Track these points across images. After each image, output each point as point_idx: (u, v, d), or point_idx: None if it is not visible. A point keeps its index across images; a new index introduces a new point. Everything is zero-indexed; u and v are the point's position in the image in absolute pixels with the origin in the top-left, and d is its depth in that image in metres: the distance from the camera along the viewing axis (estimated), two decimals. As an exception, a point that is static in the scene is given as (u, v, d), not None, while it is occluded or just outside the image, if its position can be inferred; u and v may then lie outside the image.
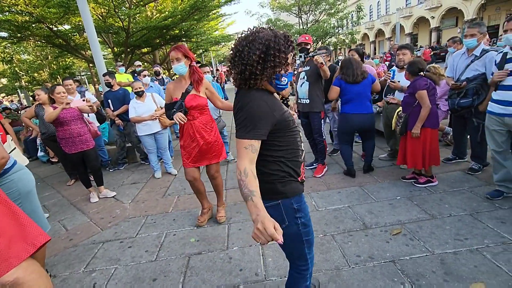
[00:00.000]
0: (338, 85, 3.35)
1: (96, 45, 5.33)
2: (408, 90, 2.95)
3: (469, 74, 2.96)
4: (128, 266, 2.33)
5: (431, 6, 27.41)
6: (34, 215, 2.00)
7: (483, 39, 2.91)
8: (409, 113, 2.93)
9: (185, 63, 2.45)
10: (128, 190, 4.00)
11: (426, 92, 2.78)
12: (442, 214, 2.53)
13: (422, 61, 2.92)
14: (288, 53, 1.18)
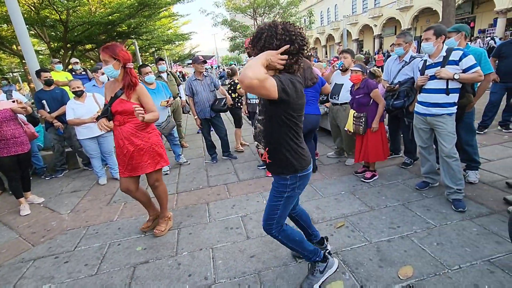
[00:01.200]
0: None
1: (26, 39, 4.75)
2: (361, 91, 3.13)
3: (401, 78, 3.29)
4: (64, 284, 2.11)
5: (374, 15, 29.93)
6: None
7: (410, 47, 3.26)
8: (367, 113, 3.13)
9: (114, 65, 2.20)
10: (67, 199, 3.64)
11: (379, 90, 3.06)
12: (379, 205, 2.76)
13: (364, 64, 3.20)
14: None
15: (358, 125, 3.20)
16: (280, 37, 1.36)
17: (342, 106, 3.65)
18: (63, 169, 4.63)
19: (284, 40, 1.36)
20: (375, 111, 3.14)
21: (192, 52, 31.98)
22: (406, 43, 3.23)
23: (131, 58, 2.36)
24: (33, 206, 3.48)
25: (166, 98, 4.09)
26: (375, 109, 3.13)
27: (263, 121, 1.55)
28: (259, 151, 1.65)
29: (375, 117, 3.13)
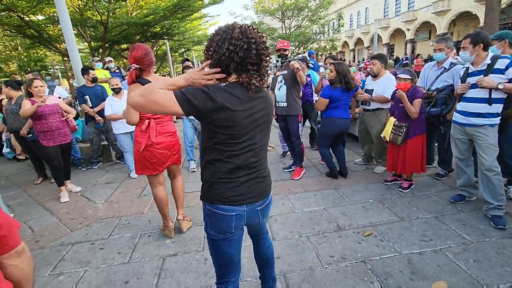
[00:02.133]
0: (327, 97, 3.38)
1: (71, 39, 5.10)
2: (408, 100, 2.96)
3: (439, 84, 3.15)
4: (99, 269, 2.24)
5: (407, 19, 28.82)
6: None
7: (451, 52, 3.12)
8: (409, 123, 2.97)
9: None
10: (101, 190, 3.86)
11: (421, 101, 2.92)
12: (410, 216, 2.66)
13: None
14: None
15: (397, 134, 3.04)
16: (235, 41, 1.12)
17: (374, 112, 3.56)
18: (98, 161, 4.91)
19: (240, 46, 1.12)
20: (419, 121, 2.97)
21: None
22: (448, 48, 3.08)
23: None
24: (71, 194, 3.72)
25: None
26: (419, 120, 2.96)
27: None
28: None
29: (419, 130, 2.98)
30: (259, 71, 1.20)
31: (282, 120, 3.80)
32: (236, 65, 1.15)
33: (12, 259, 0.87)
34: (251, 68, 1.16)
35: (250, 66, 1.16)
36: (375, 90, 3.48)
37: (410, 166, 3.07)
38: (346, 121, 3.48)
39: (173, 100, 1.09)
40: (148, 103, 1.09)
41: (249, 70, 1.17)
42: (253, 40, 1.14)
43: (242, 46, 1.13)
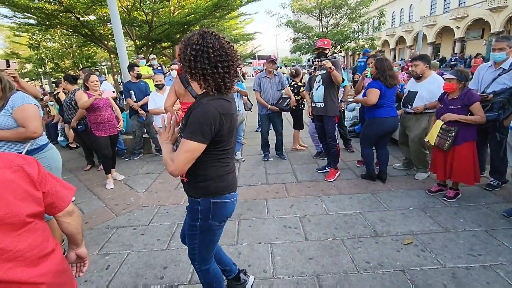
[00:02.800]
0: (379, 88, 3.24)
1: (120, 37, 5.49)
2: (458, 102, 2.76)
3: (496, 87, 2.89)
4: (140, 253, 2.40)
5: (457, 16, 26.63)
6: None
7: (511, 53, 2.84)
8: (459, 127, 2.77)
9: None
10: (142, 179, 4.10)
11: (479, 104, 2.70)
12: (456, 228, 2.48)
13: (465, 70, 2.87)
14: None
15: (444, 139, 2.82)
16: (195, 47, 1.19)
17: (415, 115, 3.36)
18: (140, 153, 5.23)
19: (200, 51, 1.19)
20: (470, 126, 2.74)
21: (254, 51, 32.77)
22: (510, 47, 2.80)
23: None
24: (116, 182, 4.00)
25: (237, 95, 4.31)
26: (471, 126, 2.74)
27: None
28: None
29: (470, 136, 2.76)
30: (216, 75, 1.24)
31: (318, 120, 3.75)
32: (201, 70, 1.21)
33: (65, 218, 1.08)
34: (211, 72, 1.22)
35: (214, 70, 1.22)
36: (420, 93, 3.27)
37: (458, 174, 2.85)
38: (393, 120, 3.35)
39: (193, 147, 1.22)
40: (184, 167, 1.24)
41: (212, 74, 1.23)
42: (210, 45, 1.19)
43: (202, 51, 1.18)
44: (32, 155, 2.03)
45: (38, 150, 2.08)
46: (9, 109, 1.86)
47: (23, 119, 1.88)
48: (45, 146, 2.15)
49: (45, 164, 2.08)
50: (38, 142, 2.07)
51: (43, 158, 2.09)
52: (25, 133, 1.89)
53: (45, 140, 2.18)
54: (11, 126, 1.88)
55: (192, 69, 1.23)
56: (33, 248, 0.91)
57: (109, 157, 3.87)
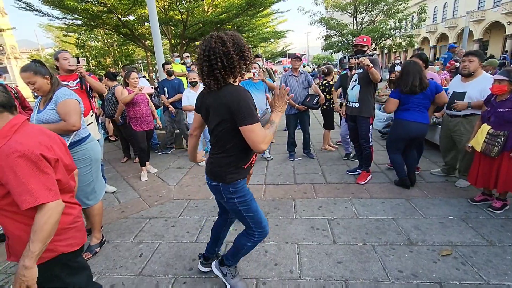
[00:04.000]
0: (397, 97, 3.16)
1: (157, 36, 5.72)
2: (508, 104, 2.53)
3: None
4: (171, 243, 2.50)
5: (509, 10, 24.28)
6: (97, 179, 2.36)
7: None
8: (509, 132, 2.54)
9: None
10: (173, 173, 4.26)
11: None
12: (502, 242, 2.28)
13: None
14: None
15: (492, 144, 2.58)
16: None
17: (466, 118, 3.08)
18: (171, 148, 5.44)
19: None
20: None
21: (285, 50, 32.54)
22: None
23: None
24: (149, 175, 4.20)
25: (266, 92, 4.30)
26: None
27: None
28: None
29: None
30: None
31: (351, 120, 3.63)
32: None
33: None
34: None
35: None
36: (469, 93, 3.01)
37: (506, 183, 2.60)
38: (419, 126, 3.12)
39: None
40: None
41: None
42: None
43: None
44: (75, 147, 2.19)
45: (80, 142, 2.24)
46: (53, 103, 2.01)
47: (64, 113, 2.03)
48: (86, 138, 2.30)
49: (87, 155, 2.25)
50: (80, 134, 2.23)
51: (84, 150, 2.24)
52: (65, 126, 2.04)
53: (87, 132, 2.34)
54: (55, 119, 2.03)
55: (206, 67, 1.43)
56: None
57: (145, 150, 4.07)
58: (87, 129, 2.36)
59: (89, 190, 2.26)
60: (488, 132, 2.63)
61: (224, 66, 1.39)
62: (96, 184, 2.31)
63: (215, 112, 1.49)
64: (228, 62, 1.39)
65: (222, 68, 1.39)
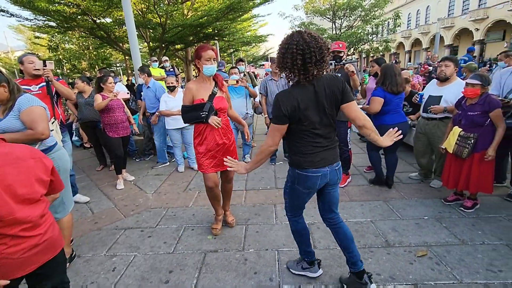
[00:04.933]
0: (382, 96, 3.19)
1: (134, 39, 5.57)
2: (477, 107, 2.64)
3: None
4: (147, 255, 2.39)
5: (476, 18, 25.81)
6: (66, 190, 2.20)
7: None
8: (479, 134, 2.64)
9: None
10: (151, 181, 4.13)
11: (500, 111, 2.58)
12: (474, 240, 2.36)
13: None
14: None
15: (463, 146, 2.69)
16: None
17: (441, 121, 3.18)
18: (150, 154, 5.27)
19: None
20: (490, 133, 2.61)
21: (267, 53, 32.81)
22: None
23: None
24: (126, 183, 4.05)
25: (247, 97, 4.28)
26: (491, 131, 2.61)
27: None
28: None
29: (490, 142, 2.61)
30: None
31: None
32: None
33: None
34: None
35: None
36: (445, 97, 3.10)
37: (477, 183, 2.71)
38: (402, 125, 3.19)
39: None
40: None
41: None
42: (294, 42, 1.50)
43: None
44: None
45: (47, 151, 2.10)
46: (16, 111, 1.88)
47: (30, 121, 1.90)
48: (53, 147, 2.17)
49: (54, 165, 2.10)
50: (46, 143, 2.10)
51: (51, 159, 2.10)
52: (34, 135, 1.91)
53: (54, 140, 2.20)
54: (19, 128, 1.90)
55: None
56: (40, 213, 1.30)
57: (121, 157, 3.91)
58: (53, 137, 2.22)
59: (57, 202, 2.12)
60: (459, 134, 2.73)
61: (317, 60, 1.47)
62: (64, 195, 2.18)
63: (329, 100, 1.61)
64: (320, 56, 1.48)
65: (315, 62, 1.48)
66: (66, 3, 8.33)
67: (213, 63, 2.30)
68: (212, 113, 2.32)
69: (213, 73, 2.36)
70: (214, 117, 2.31)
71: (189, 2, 11.08)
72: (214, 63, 2.31)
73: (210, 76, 2.38)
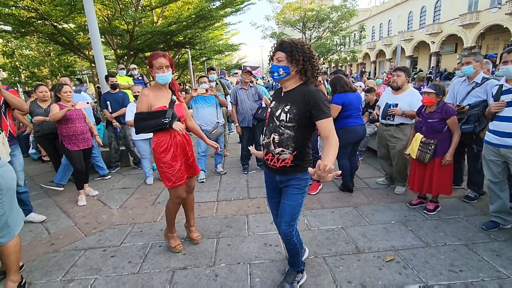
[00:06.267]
0: (340, 102, 3.35)
1: (98, 46, 5.31)
2: (436, 115, 2.81)
3: (471, 100, 2.98)
4: (109, 277, 2.21)
5: (432, 32, 28.10)
6: (10, 211, 1.98)
7: (479, 67, 3.01)
8: (438, 140, 2.81)
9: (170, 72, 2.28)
10: (117, 195, 3.89)
11: (456, 118, 2.79)
12: (436, 242, 2.46)
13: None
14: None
15: (424, 152, 2.84)
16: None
17: (398, 126, 3.35)
18: (116, 166, 4.99)
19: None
20: (448, 139, 2.80)
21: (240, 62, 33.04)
22: (477, 62, 2.97)
23: None
24: (89, 198, 3.77)
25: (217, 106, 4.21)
26: (448, 137, 2.80)
27: (294, 127, 1.67)
28: (282, 157, 1.71)
29: (448, 147, 2.80)
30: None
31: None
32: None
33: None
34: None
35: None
36: (400, 105, 3.29)
37: (438, 186, 2.87)
38: (363, 128, 3.51)
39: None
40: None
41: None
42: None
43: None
44: None
45: None
46: None
47: None
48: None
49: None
50: None
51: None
52: None
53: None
54: None
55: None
56: None
57: (82, 171, 3.64)
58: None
59: (0, 225, 1.90)
60: (421, 140, 2.88)
61: (313, 67, 1.64)
62: (9, 217, 1.94)
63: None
64: (312, 64, 1.63)
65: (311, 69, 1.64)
66: (23, 6, 7.78)
67: (165, 71, 2.19)
68: (175, 119, 2.23)
69: (168, 81, 2.25)
70: (178, 123, 2.23)
71: (159, 9, 10.86)
72: (166, 71, 2.20)
73: (165, 85, 2.28)
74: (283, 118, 1.68)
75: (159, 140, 2.27)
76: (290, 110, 1.66)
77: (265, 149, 1.79)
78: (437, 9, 28.32)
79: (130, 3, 9.38)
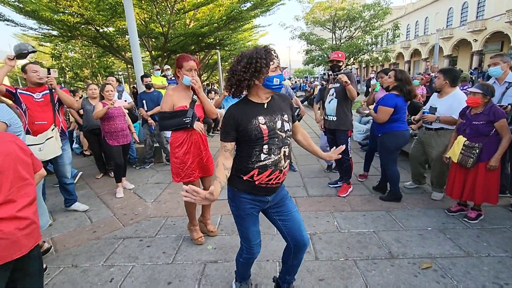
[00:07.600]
0: (393, 105, 3.08)
1: (136, 48, 5.62)
2: (482, 117, 2.62)
3: (508, 100, 2.88)
4: (145, 266, 2.35)
5: (474, 29, 26.16)
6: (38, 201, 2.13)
7: (507, 67, 2.94)
8: (484, 144, 2.62)
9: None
10: (151, 189, 4.10)
11: (506, 121, 2.57)
12: (479, 252, 2.31)
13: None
14: (269, 60, 1.44)
15: (467, 156, 2.66)
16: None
17: (436, 131, 3.18)
18: (150, 162, 5.25)
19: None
20: (495, 143, 2.59)
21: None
22: (504, 62, 2.93)
23: None
24: (126, 191, 4.01)
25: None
26: (495, 141, 2.59)
27: (291, 135, 1.67)
28: (287, 169, 1.64)
29: (495, 153, 2.59)
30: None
31: (330, 133, 3.67)
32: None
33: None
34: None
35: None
36: (439, 109, 3.11)
37: (482, 194, 2.68)
38: (409, 133, 3.33)
39: None
40: None
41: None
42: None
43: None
44: None
45: None
46: None
47: None
48: None
49: None
50: None
51: None
52: None
53: None
54: None
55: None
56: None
57: (121, 166, 3.89)
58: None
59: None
60: (464, 143, 2.71)
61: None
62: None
63: None
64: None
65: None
66: (70, 12, 8.45)
67: (192, 73, 2.32)
68: (195, 119, 2.34)
69: (189, 83, 2.35)
70: (198, 123, 2.35)
71: (191, 12, 11.24)
72: (194, 73, 2.33)
73: (189, 86, 2.39)
74: (288, 127, 1.57)
75: (177, 135, 2.41)
76: (288, 117, 1.59)
77: (271, 168, 1.53)
78: (481, 5, 26.33)
79: (166, 6, 9.80)
